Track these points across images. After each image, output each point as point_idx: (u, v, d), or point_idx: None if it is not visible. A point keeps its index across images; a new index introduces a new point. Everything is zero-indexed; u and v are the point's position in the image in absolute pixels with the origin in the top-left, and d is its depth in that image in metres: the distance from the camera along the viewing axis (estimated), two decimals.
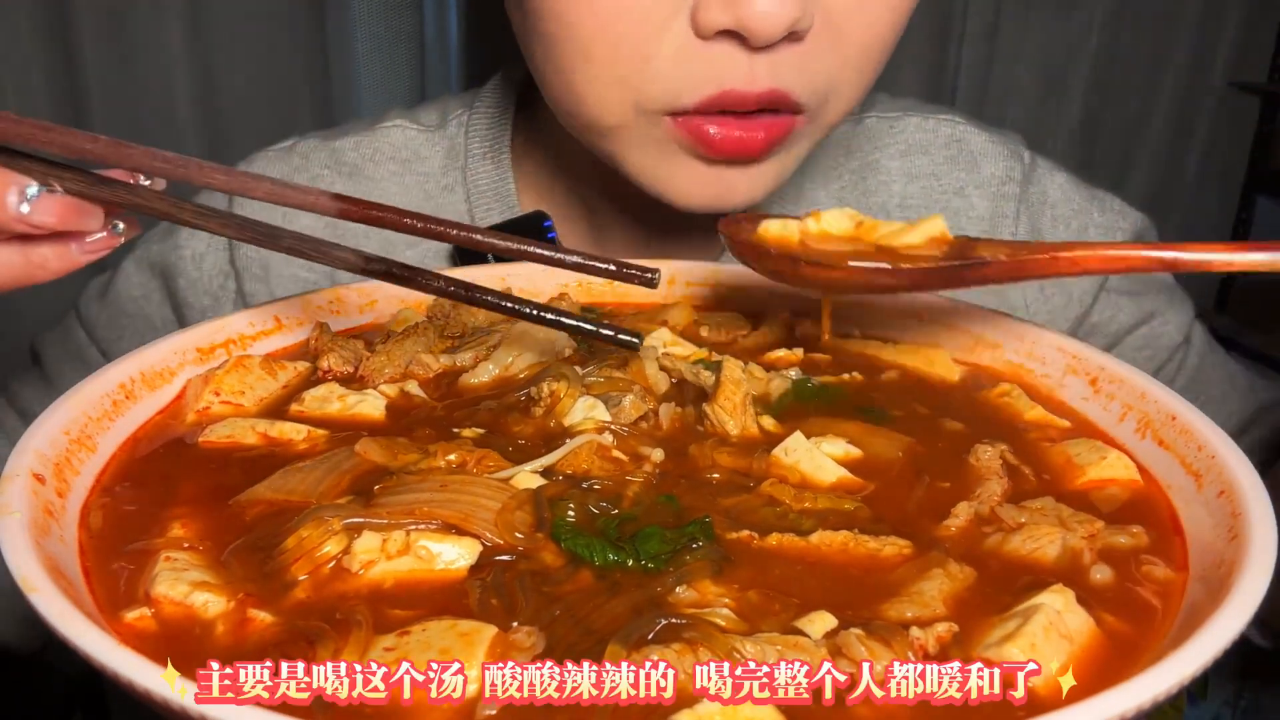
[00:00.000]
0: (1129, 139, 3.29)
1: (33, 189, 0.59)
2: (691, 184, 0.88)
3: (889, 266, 0.65)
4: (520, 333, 0.76)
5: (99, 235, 0.63)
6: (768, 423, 0.69)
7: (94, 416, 0.63)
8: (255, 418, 0.67)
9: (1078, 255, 0.63)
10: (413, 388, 0.72)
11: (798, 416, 0.70)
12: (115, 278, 1.10)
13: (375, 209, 0.63)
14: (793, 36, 0.80)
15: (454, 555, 0.54)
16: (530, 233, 1.00)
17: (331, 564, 0.53)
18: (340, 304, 0.83)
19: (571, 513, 0.57)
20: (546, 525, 0.56)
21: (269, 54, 2.41)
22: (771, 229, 0.71)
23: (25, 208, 0.59)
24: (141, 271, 1.09)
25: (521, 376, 0.73)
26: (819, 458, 0.64)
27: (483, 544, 0.55)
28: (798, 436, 0.65)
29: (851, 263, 0.66)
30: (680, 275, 0.91)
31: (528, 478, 0.60)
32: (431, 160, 1.10)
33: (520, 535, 0.55)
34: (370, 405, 0.69)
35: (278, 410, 0.70)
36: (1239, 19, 3.24)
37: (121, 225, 0.64)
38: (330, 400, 0.70)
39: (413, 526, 0.55)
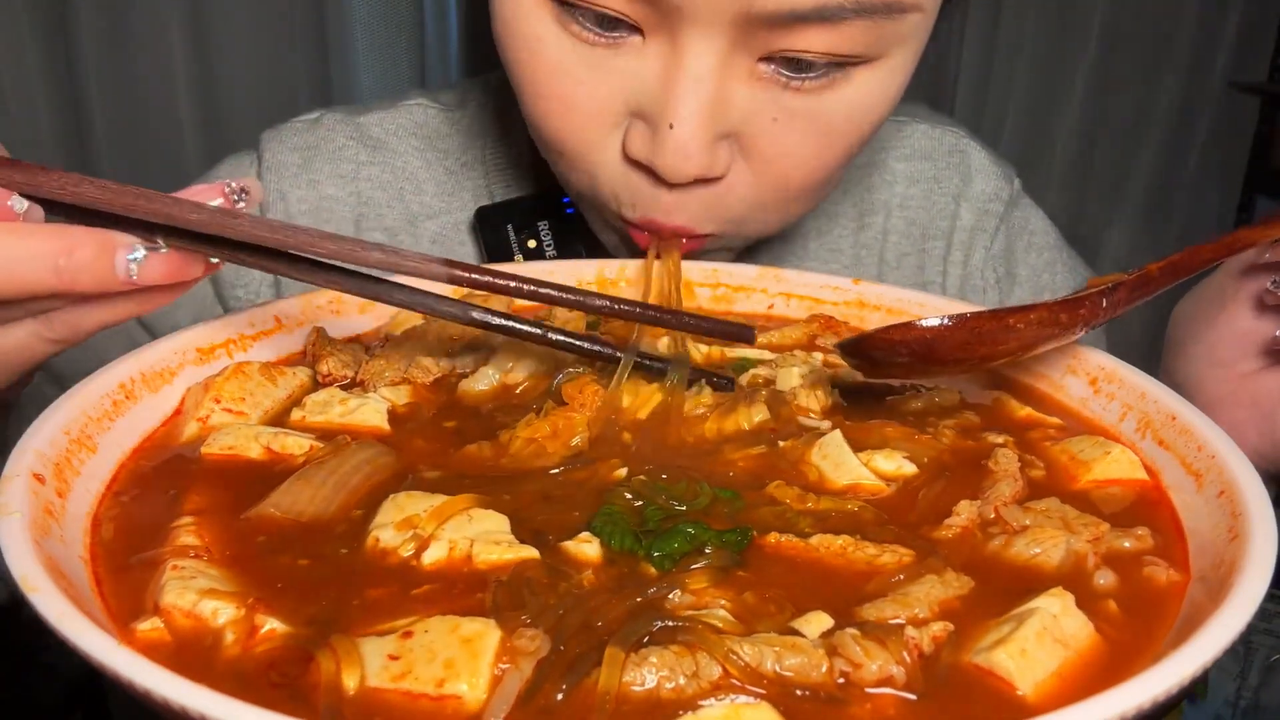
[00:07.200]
0: (1129, 139, 3.28)
1: (138, 253, 0.58)
2: (619, 251, 0.95)
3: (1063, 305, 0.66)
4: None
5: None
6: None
7: (94, 416, 0.63)
8: (257, 425, 0.67)
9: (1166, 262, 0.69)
10: (414, 395, 0.72)
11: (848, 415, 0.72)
12: None
13: (485, 273, 0.64)
14: (705, 181, 0.84)
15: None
16: (549, 207, 1.04)
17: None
18: (340, 304, 0.83)
19: (630, 496, 0.59)
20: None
21: (269, 54, 2.40)
22: None
23: (134, 270, 0.58)
24: None
25: (520, 389, 0.74)
26: (846, 457, 0.64)
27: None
28: (836, 435, 0.65)
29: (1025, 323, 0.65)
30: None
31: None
32: (452, 138, 1.14)
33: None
34: (372, 411, 0.69)
35: (279, 417, 0.70)
36: (1239, 19, 3.24)
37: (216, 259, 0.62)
38: (332, 405, 0.69)
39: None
